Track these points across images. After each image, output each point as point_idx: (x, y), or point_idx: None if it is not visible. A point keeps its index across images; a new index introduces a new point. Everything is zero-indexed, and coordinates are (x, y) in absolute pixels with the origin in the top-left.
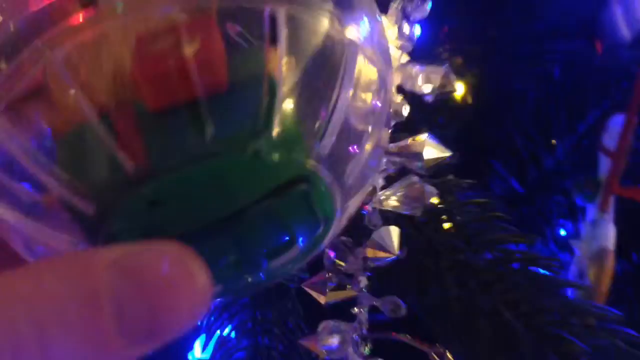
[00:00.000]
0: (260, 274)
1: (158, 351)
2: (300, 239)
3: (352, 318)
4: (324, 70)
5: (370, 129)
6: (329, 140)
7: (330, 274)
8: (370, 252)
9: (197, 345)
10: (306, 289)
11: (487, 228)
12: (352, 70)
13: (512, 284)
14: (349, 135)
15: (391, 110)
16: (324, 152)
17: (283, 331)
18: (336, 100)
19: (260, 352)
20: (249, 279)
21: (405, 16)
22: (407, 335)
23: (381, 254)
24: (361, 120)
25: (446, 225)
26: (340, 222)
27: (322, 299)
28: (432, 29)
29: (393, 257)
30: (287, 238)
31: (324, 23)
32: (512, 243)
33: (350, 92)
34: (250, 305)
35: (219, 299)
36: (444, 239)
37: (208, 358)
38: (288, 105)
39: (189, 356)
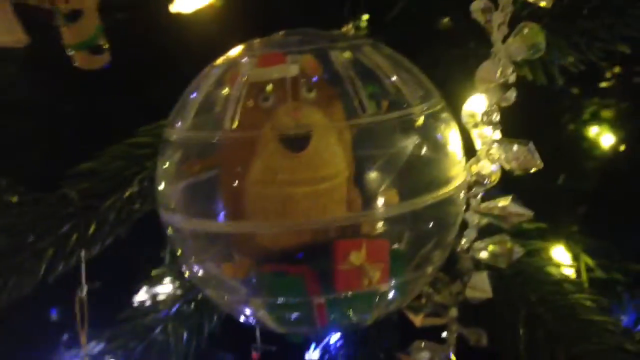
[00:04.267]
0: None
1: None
2: None
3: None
4: None
5: None
6: None
7: (425, 301)
8: (469, 292)
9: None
10: (405, 312)
11: None
12: None
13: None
14: None
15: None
16: None
17: (380, 345)
18: None
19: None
20: None
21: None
22: None
23: (478, 294)
24: None
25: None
26: None
27: (417, 322)
28: None
29: (487, 297)
30: None
31: None
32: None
33: None
34: None
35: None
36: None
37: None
38: None
39: (306, 356)
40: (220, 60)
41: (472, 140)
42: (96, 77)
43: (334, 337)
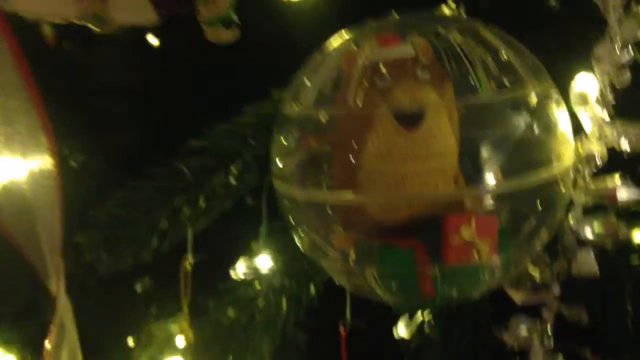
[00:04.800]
0: None
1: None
2: None
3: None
4: None
5: None
6: None
7: (525, 278)
8: (575, 269)
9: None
10: (505, 288)
11: None
12: None
13: None
14: None
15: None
16: None
17: (474, 320)
18: None
19: (453, 339)
20: None
21: (608, 83)
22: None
23: (585, 272)
24: None
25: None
26: None
27: (517, 299)
28: None
29: (594, 275)
30: None
31: None
32: None
33: None
34: None
35: None
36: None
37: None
38: None
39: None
40: (333, 43)
41: (579, 120)
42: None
43: (426, 314)
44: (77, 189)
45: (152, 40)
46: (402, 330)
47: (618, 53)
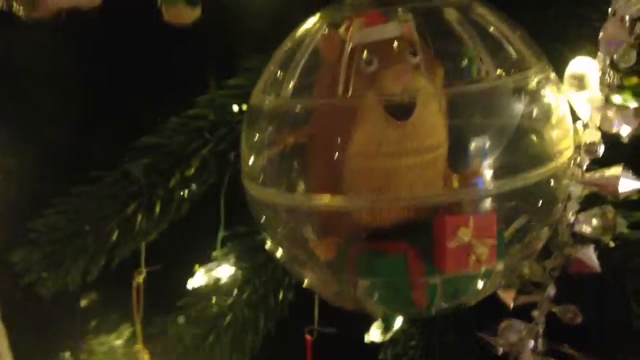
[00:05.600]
0: None
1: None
2: None
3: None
4: None
5: None
6: None
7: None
8: (575, 268)
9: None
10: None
11: None
12: None
13: None
14: None
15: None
16: None
17: (457, 325)
18: None
19: (434, 342)
20: None
21: (611, 63)
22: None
23: (586, 270)
24: None
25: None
26: None
27: (509, 300)
28: None
29: (595, 273)
30: None
31: None
32: None
33: None
34: None
35: None
36: (631, 266)
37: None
38: None
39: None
40: (308, 25)
41: (573, 105)
42: None
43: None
44: (8, 198)
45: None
46: (374, 334)
47: (626, 29)
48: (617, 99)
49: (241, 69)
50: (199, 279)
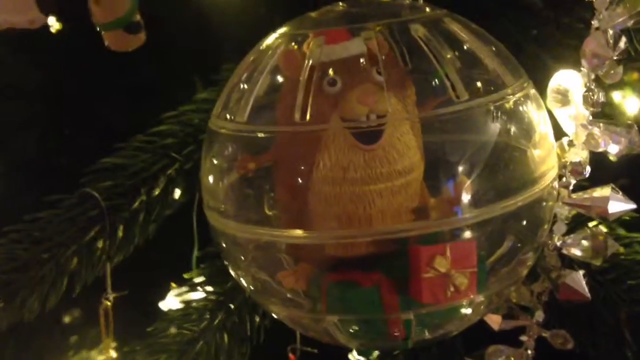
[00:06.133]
0: None
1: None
2: None
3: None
4: None
5: None
6: None
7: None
8: (563, 294)
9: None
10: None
11: None
12: None
13: None
14: None
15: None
16: None
17: (442, 349)
18: None
19: None
20: None
21: (596, 79)
22: None
23: (574, 297)
24: None
25: (630, 281)
26: None
27: (495, 325)
28: None
29: (585, 300)
30: None
31: None
32: None
33: None
34: None
35: None
36: (623, 291)
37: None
38: None
39: (350, 356)
40: (269, 41)
41: (557, 119)
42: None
43: None
44: None
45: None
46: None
47: (609, 45)
48: (616, 95)
49: (214, 81)
50: (171, 301)
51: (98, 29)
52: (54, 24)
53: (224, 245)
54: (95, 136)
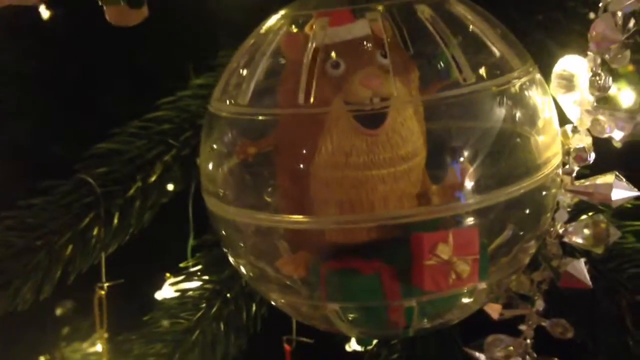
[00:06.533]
0: None
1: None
2: None
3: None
4: None
5: None
6: None
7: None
8: (564, 282)
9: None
10: None
11: None
12: None
13: None
14: None
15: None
16: None
17: (440, 338)
18: None
19: (417, 355)
20: None
21: (603, 63)
22: None
23: (576, 284)
24: None
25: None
26: None
27: (495, 314)
28: None
29: (587, 287)
30: None
31: None
32: None
33: None
34: None
35: None
36: (624, 280)
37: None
38: None
39: (346, 347)
40: (269, 24)
41: (561, 106)
42: None
43: None
44: None
45: (44, 12)
46: (356, 343)
47: (618, 27)
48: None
49: (211, 66)
50: (167, 291)
51: (100, 2)
52: (43, 11)
53: (224, 231)
54: (90, 123)
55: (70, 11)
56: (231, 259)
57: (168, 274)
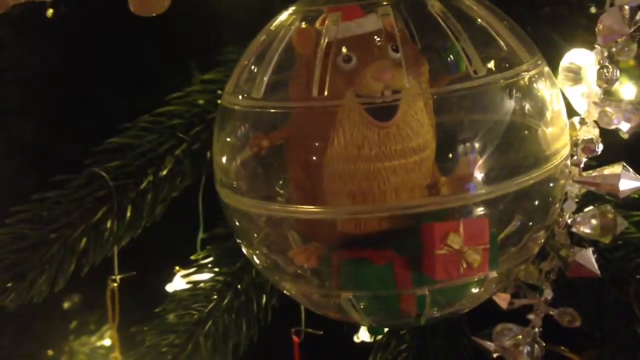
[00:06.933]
0: None
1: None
2: None
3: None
4: None
5: None
6: None
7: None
8: (573, 272)
9: (363, 329)
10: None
11: None
12: None
13: None
14: None
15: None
16: None
17: (449, 328)
18: None
19: (426, 346)
20: None
21: (610, 56)
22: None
23: (584, 274)
24: None
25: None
26: None
27: (503, 303)
28: None
29: (595, 276)
30: None
31: None
32: None
33: None
34: None
35: None
36: (632, 269)
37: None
38: None
39: (355, 338)
40: (283, 18)
41: (569, 99)
42: None
43: None
44: None
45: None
46: (364, 334)
47: (625, 21)
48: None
49: (217, 62)
50: (178, 283)
51: None
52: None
53: (237, 223)
54: (96, 120)
55: (74, 9)
56: (244, 250)
57: (177, 267)
